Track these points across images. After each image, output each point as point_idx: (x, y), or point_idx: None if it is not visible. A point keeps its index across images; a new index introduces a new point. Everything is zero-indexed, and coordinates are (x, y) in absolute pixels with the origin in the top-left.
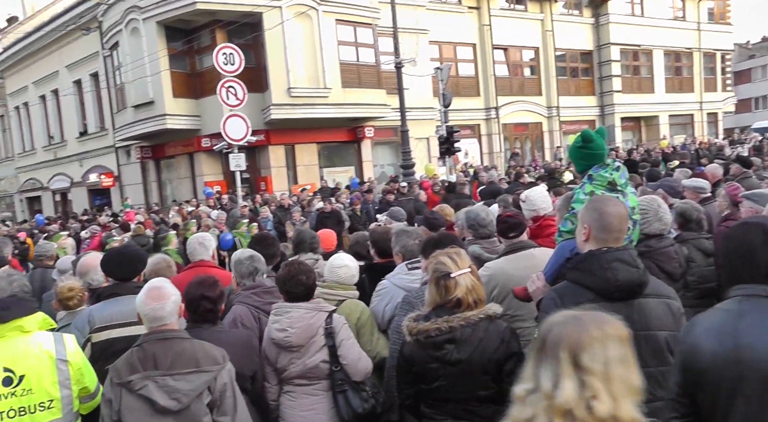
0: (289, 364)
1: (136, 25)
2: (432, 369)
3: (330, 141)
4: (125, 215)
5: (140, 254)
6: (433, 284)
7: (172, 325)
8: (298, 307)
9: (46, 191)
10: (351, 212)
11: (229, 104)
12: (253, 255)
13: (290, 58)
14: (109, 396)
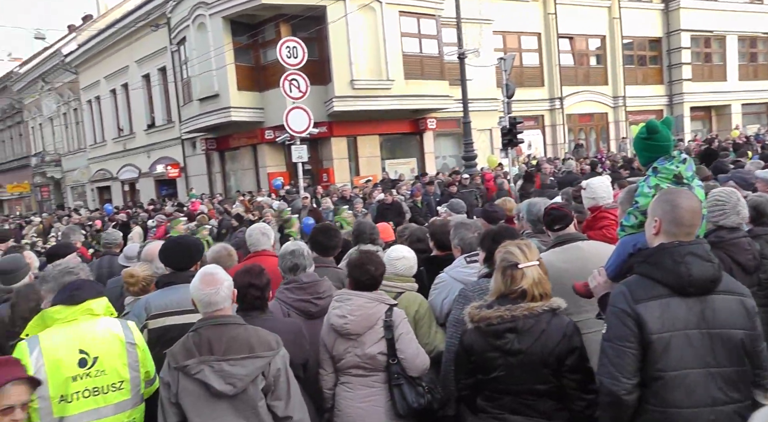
0: (346, 353)
1: (202, 21)
2: (491, 359)
3: (392, 133)
4: (191, 204)
5: (196, 244)
6: (499, 273)
7: (226, 310)
8: (360, 296)
9: (116, 181)
10: (412, 203)
11: (291, 97)
12: (295, 250)
13: (353, 51)
14: (167, 379)
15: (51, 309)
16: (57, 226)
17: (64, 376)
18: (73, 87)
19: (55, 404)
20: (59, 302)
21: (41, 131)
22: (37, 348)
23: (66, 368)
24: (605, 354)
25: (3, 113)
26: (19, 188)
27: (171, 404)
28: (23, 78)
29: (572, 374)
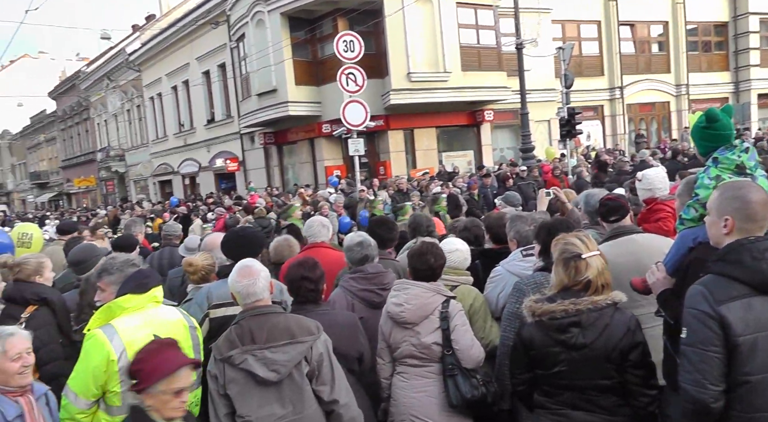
0: (402, 342)
1: (261, 17)
2: (553, 353)
3: (449, 125)
4: (249, 197)
5: (257, 236)
6: (561, 266)
7: (265, 301)
8: (418, 285)
9: (177, 175)
10: (468, 196)
11: (348, 91)
12: (363, 242)
13: (410, 43)
14: (214, 372)
15: (120, 299)
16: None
17: None
18: (137, 84)
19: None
20: (129, 291)
21: (106, 127)
22: (115, 335)
23: None
24: (688, 359)
25: (71, 110)
26: (85, 182)
27: (220, 396)
28: (90, 77)
29: (636, 369)
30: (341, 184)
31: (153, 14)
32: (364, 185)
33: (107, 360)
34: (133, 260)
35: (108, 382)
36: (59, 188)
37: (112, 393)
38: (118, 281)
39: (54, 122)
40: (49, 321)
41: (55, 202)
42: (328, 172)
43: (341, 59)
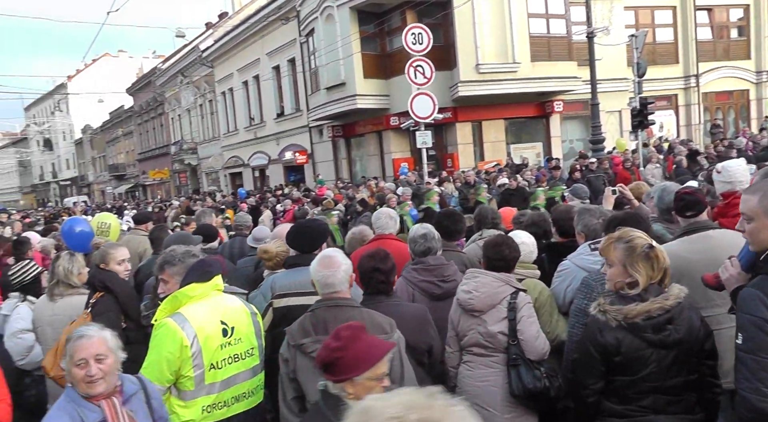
0: (469, 330)
1: (330, 12)
2: (644, 356)
3: (517, 117)
4: (318, 190)
5: (321, 228)
6: (642, 261)
7: (343, 293)
8: (488, 274)
9: (247, 168)
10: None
11: (416, 83)
12: (427, 234)
13: (479, 34)
14: (286, 356)
15: (186, 288)
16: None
17: (214, 345)
18: (209, 80)
19: (208, 371)
20: (194, 280)
21: (180, 121)
22: (186, 322)
23: (214, 338)
24: (746, 366)
25: (147, 105)
26: (159, 174)
27: (290, 380)
28: (165, 73)
29: (708, 360)
30: (408, 175)
31: (226, 12)
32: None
33: (180, 346)
34: (193, 251)
35: (181, 367)
36: (135, 179)
37: (186, 378)
38: (180, 272)
39: (131, 116)
40: (111, 308)
41: (132, 193)
42: (396, 164)
43: (410, 52)
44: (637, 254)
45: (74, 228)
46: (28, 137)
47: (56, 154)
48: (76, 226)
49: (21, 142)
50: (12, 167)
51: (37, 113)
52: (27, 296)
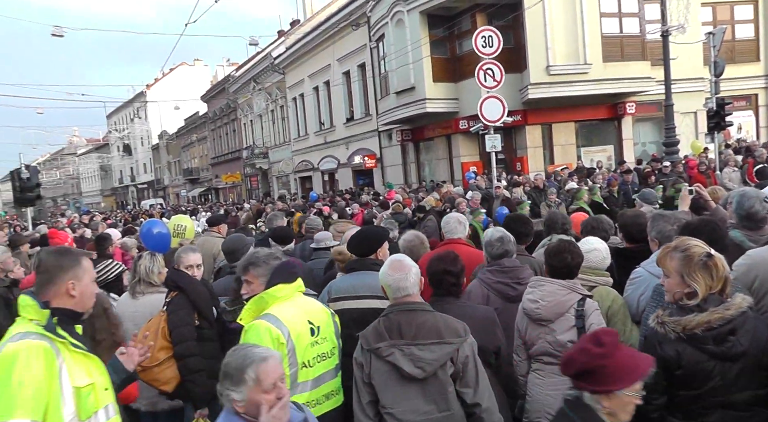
0: (537, 339)
1: (400, 17)
2: (706, 369)
3: (589, 119)
4: (387, 193)
5: (379, 234)
6: (701, 271)
7: (414, 296)
8: (554, 282)
9: (316, 172)
10: (608, 193)
11: (486, 86)
12: (503, 237)
13: (550, 36)
14: (360, 360)
15: (273, 289)
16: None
17: (304, 344)
18: (281, 86)
19: (300, 369)
20: (280, 281)
21: (252, 126)
22: (279, 321)
23: (304, 337)
24: None
25: (221, 111)
26: (232, 178)
27: (364, 383)
28: (238, 80)
29: None
30: (477, 180)
31: (297, 20)
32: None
33: (277, 343)
34: (276, 253)
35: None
36: (208, 183)
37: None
38: (263, 273)
39: (205, 122)
40: (183, 306)
41: (205, 196)
42: (465, 168)
43: (479, 55)
44: (694, 264)
45: (152, 230)
46: (110, 143)
47: (135, 159)
48: (154, 228)
49: (103, 148)
50: (94, 172)
51: (117, 120)
52: (110, 293)
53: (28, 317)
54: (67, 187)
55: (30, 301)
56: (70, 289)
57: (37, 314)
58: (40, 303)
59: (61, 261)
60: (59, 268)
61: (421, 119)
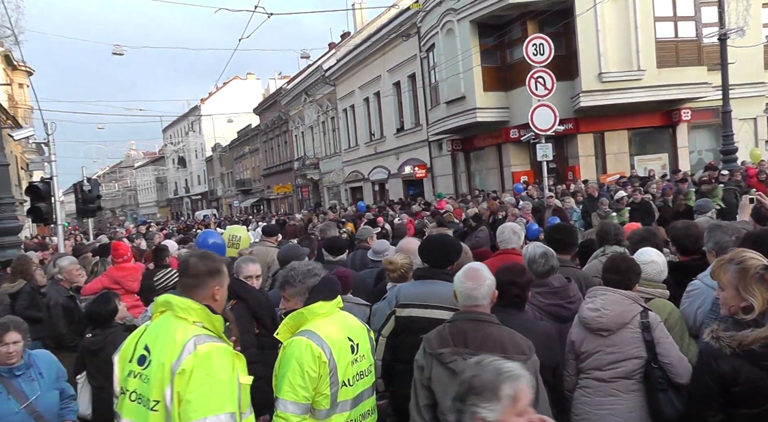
0: (595, 351)
1: (451, 27)
2: (765, 387)
3: (642, 127)
4: (437, 203)
5: (455, 245)
6: (757, 283)
7: (484, 307)
8: (616, 291)
9: (367, 182)
10: (662, 203)
11: (537, 95)
12: (547, 252)
13: (602, 42)
14: (421, 363)
15: (314, 306)
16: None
17: (345, 362)
18: (331, 98)
19: (341, 388)
20: (321, 298)
21: (303, 138)
22: (321, 340)
23: (345, 355)
24: None
25: (272, 123)
26: (283, 189)
27: (423, 386)
28: (290, 93)
29: None
30: (528, 189)
31: (348, 32)
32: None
33: (319, 361)
34: (314, 270)
35: (320, 384)
36: (260, 194)
37: (322, 396)
38: (299, 292)
39: (257, 135)
40: (243, 314)
41: (257, 206)
42: (516, 178)
43: (530, 63)
44: (750, 277)
45: (207, 240)
46: (165, 156)
47: (189, 171)
48: (209, 238)
49: (159, 160)
50: (151, 183)
51: (173, 133)
52: None
53: (190, 319)
54: (125, 198)
55: (195, 305)
56: (215, 293)
57: (201, 318)
58: (209, 308)
59: (209, 267)
60: (208, 274)
61: (471, 128)
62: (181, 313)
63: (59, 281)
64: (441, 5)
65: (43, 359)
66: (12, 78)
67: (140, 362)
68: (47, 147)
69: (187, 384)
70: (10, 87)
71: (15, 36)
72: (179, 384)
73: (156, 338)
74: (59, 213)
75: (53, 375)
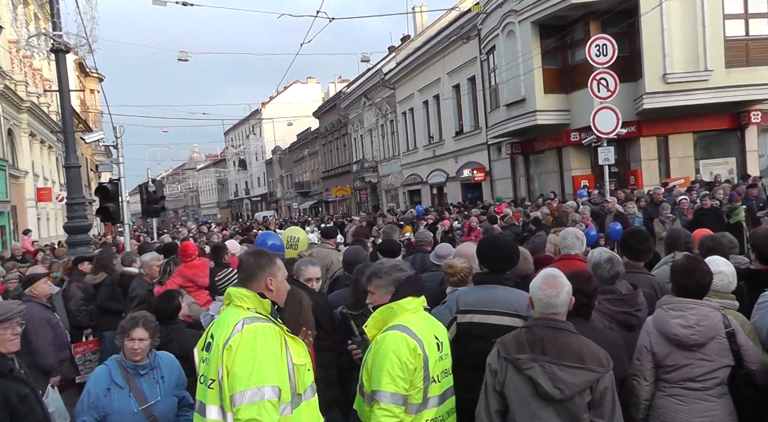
0: (684, 364)
1: (512, 28)
2: None
3: (708, 130)
4: (496, 207)
5: (513, 248)
6: None
7: (562, 316)
8: (702, 304)
9: (425, 185)
10: (728, 209)
11: (599, 97)
12: (613, 258)
13: (667, 42)
14: (495, 367)
15: (403, 301)
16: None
17: (434, 358)
18: (390, 101)
19: (431, 384)
20: (410, 294)
21: (362, 141)
22: (414, 333)
23: (433, 351)
24: None
25: (332, 127)
26: (341, 192)
27: (495, 391)
28: (349, 96)
29: None
30: (593, 195)
31: (408, 35)
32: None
33: (414, 354)
34: (401, 265)
35: (415, 377)
36: (319, 196)
37: (416, 390)
38: (385, 284)
39: (317, 138)
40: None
41: (315, 209)
42: (576, 182)
43: (593, 64)
44: None
45: (267, 242)
46: (226, 158)
47: (249, 173)
48: (268, 240)
49: (220, 163)
50: (212, 185)
51: (234, 136)
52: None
53: (244, 306)
54: (187, 199)
55: (248, 293)
56: (268, 284)
57: (254, 304)
58: (259, 295)
59: (259, 261)
60: (258, 267)
61: (531, 131)
62: (238, 301)
63: (142, 275)
64: (502, 7)
65: (167, 362)
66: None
67: (207, 348)
68: (116, 149)
69: (234, 358)
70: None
71: (89, 45)
72: (227, 359)
73: (218, 326)
74: (126, 213)
75: (174, 381)
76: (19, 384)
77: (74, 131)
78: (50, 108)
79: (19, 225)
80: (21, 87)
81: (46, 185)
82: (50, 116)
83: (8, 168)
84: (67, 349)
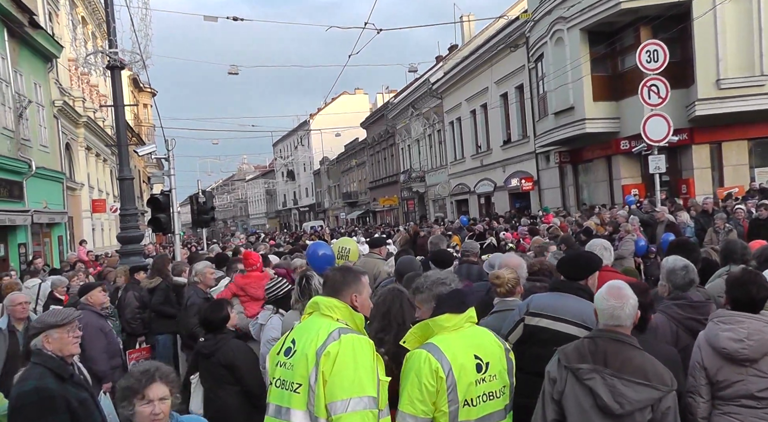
0: (736, 381)
1: (560, 35)
2: None
3: (763, 136)
4: (544, 217)
5: (591, 258)
6: None
7: (626, 329)
8: (755, 318)
9: (472, 195)
10: None
11: (650, 104)
12: (688, 265)
13: (721, 46)
14: (554, 375)
15: (440, 318)
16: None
17: (467, 381)
18: (438, 111)
19: (461, 408)
20: (448, 311)
21: (409, 151)
22: (441, 353)
23: (468, 373)
24: None
25: (379, 137)
26: (389, 202)
27: (553, 400)
28: (397, 106)
29: None
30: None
31: (455, 45)
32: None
33: (436, 376)
34: (444, 279)
35: (438, 400)
36: (366, 206)
37: (441, 413)
38: (427, 299)
39: (364, 148)
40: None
41: (363, 218)
42: (626, 191)
43: (643, 71)
44: None
45: (317, 252)
46: (275, 169)
47: (297, 183)
48: (319, 250)
49: (268, 173)
50: (261, 196)
51: (282, 147)
52: (279, 309)
53: (333, 316)
54: (236, 210)
55: (339, 304)
56: (353, 300)
57: (344, 315)
58: (351, 307)
59: (345, 278)
60: (344, 283)
61: (580, 139)
62: (326, 311)
63: (196, 283)
64: (550, 14)
65: None
66: (138, 99)
67: (286, 353)
68: (167, 162)
69: (333, 365)
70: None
71: (143, 61)
72: (325, 364)
73: (302, 332)
74: (176, 223)
75: None
76: (79, 388)
77: (128, 145)
78: (105, 122)
79: (75, 235)
80: (78, 103)
81: (100, 196)
82: (105, 130)
83: (66, 181)
84: (119, 357)
